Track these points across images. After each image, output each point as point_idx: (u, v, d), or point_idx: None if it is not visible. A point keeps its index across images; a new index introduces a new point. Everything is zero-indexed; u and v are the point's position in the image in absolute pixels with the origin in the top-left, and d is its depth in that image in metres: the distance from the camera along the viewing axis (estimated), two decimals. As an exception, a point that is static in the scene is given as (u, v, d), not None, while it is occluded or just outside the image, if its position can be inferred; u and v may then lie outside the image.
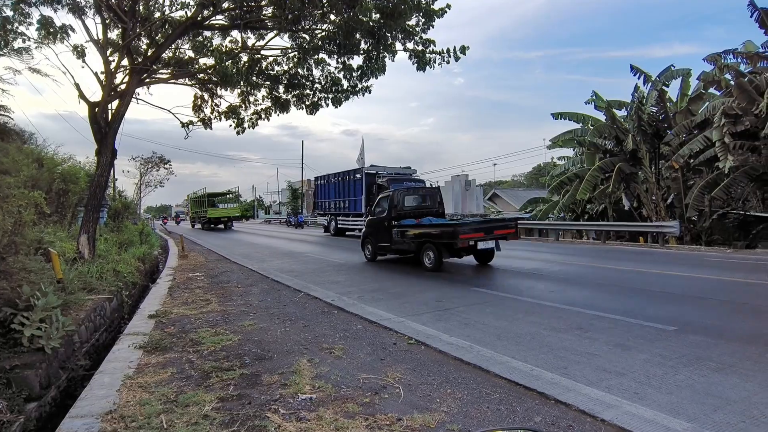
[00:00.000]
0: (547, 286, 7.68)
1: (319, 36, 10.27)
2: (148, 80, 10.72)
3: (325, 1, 9.35)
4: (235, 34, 11.06)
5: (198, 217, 39.30)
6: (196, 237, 25.50)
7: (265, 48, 11.05)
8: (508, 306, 6.26)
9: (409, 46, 10.10)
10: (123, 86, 10.07)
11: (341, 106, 11.24)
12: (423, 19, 9.78)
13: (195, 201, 40.81)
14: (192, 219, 43.29)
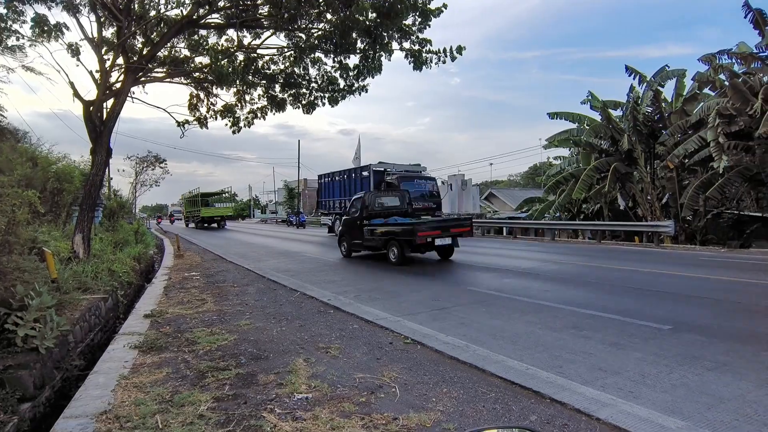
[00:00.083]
0: (542, 286, 7.70)
1: (315, 35, 10.23)
2: (143, 79, 10.66)
3: (321, 0, 9.34)
4: (231, 32, 11.03)
5: (192, 216, 39.77)
6: (192, 236, 25.38)
7: (261, 47, 11.02)
8: (504, 305, 6.27)
9: (406, 45, 10.09)
10: (118, 85, 10.01)
11: (338, 105, 11.31)
12: (419, 19, 9.77)
13: (189, 201, 41.33)
14: (186, 218, 43.86)
